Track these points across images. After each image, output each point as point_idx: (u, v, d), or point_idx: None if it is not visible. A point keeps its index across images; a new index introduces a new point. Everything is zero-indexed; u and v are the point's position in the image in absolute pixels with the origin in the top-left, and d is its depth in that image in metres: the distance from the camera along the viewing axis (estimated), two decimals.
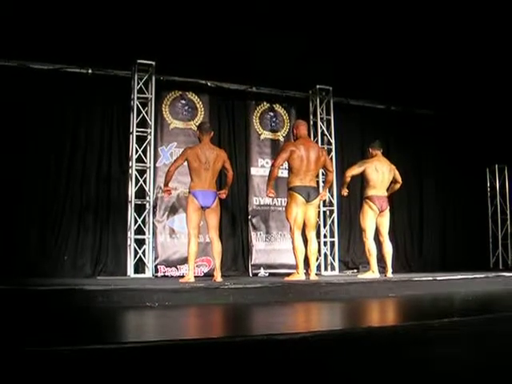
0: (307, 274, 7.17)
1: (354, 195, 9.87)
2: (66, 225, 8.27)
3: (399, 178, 7.94)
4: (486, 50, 8.42)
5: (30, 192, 8.03)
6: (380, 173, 7.74)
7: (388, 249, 7.76)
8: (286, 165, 7.49)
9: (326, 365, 2.30)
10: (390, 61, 8.85)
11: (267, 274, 9.21)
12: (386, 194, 7.79)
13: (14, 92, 7.88)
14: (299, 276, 6.98)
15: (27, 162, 8.00)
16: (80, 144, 8.51)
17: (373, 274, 7.65)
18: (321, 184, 9.30)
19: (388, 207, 7.76)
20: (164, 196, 8.17)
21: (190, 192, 6.86)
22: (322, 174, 9.29)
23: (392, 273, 7.75)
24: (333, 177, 7.73)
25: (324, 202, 9.85)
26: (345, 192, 7.91)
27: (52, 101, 8.26)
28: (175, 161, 7.05)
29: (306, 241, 7.22)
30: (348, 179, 7.84)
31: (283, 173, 8.45)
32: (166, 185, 6.90)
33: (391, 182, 7.92)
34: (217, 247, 6.89)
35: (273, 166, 7.25)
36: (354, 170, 7.83)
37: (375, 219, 7.72)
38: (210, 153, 6.87)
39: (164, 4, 7.20)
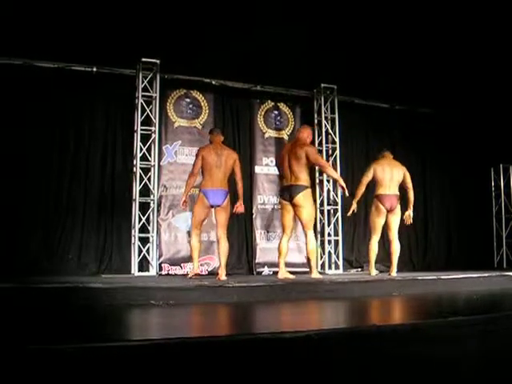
0: (310, 273, 7.13)
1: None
2: (71, 223, 8.28)
3: (409, 183, 7.83)
4: (491, 49, 8.41)
5: (34, 190, 8.04)
6: (387, 171, 7.71)
7: (395, 247, 7.70)
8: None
9: (330, 363, 2.30)
10: (395, 60, 8.84)
11: (271, 273, 9.21)
12: (396, 192, 7.71)
13: (18, 90, 7.89)
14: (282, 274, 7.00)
15: (31, 159, 8.01)
16: (84, 142, 8.53)
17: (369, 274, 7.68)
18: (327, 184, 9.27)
19: (398, 206, 7.69)
20: (182, 208, 7.39)
21: (200, 190, 6.89)
22: (320, 173, 9.25)
23: (396, 272, 7.73)
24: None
25: (328, 200, 9.86)
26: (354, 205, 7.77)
27: (56, 99, 8.26)
28: (193, 167, 6.97)
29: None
30: (364, 187, 7.82)
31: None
32: (185, 195, 6.93)
33: (403, 188, 7.84)
34: (223, 246, 6.90)
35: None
36: (368, 177, 7.79)
37: (383, 218, 7.69)
38: (221, 151, 6.94)
39: (169, 2, 7.20)
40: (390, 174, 7.71)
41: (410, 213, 7.70)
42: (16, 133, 7.85)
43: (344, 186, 6.98)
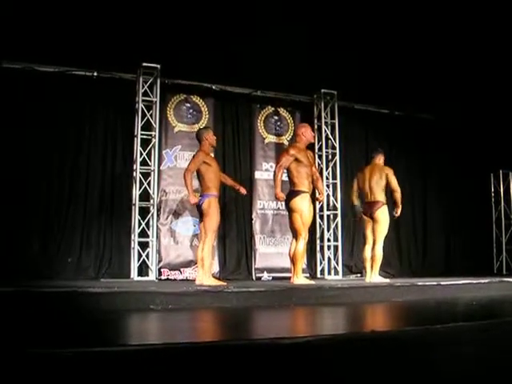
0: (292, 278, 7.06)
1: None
2: (70, 227, 8.27)
3: (393, 185, 7.69)
4: (491, 55, 8.42)
5: (34, 194, 8.04)
6: (366, 178, 7.78)
7: (374, 254, 7.64)
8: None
9: (330, 369, 2.29)
10: (395, 65, 8.85)
11: (270, 278, 9.20)
12: (376, 199, 7.61)
13: (18, 94, 7.91)
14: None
15: (31, 164, 8.01)
16: (84, 146, 8.53)
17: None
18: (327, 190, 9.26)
19: (379, 212, 7.57)
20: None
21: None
22: (327, 178, 9.25)
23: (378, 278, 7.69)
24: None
25: (328, 205, 9.86)
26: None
27: (57, 103, 8.27)
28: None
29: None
30: (353, 195, 8.03)
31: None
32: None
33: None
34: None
35: None
36: (353, 187, 8.01)
37: (367, 226, 7.74)
38: None
39: (169, 8, 7.21)
40: (369, 181, 7.72)
41: (397, 211, 7.70)
42: (16, 137, 7.86)
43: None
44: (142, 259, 8.29)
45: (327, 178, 9.93)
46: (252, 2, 7.17)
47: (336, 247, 9.82)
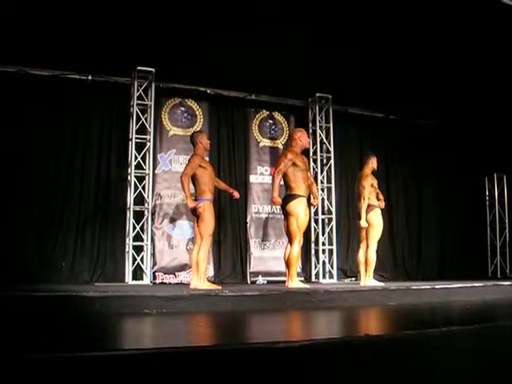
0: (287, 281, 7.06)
1: (353, 204, 9.87)
2: (65, 231, 8.26)
3: (358, 187, 7.84)
4: (486, 60, 8.44)
5: (28, 198, 8.02)
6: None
7: (367, 257, 7.69)
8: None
9: (324, 373, 2.29)
10: (390, 70, 8.86)
11: (265, 282, 9.20)
12: (358, 203, 7.73)
13: (12, 98, 7.90)
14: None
15: (26, 167, 8.00)
16: (79, 150, 8.52)
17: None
18: (323, 193, 9.26)
19: (369, 215, 7.63)
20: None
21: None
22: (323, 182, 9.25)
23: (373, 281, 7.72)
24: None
25: (323, 209, 9.86)
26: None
27: (51, 107, 8.27)
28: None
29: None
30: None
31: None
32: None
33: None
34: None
35: None
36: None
37: (362, 229, 7.75)
38: None
39: (164, 11, 7.21)
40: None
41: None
42: (11, 141, 7.84)
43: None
44: (136, 263, 8.28)
45: (322, 182, 9.94)
46: (247, 7, 7.17)
47: (331, 251, 9.83)
